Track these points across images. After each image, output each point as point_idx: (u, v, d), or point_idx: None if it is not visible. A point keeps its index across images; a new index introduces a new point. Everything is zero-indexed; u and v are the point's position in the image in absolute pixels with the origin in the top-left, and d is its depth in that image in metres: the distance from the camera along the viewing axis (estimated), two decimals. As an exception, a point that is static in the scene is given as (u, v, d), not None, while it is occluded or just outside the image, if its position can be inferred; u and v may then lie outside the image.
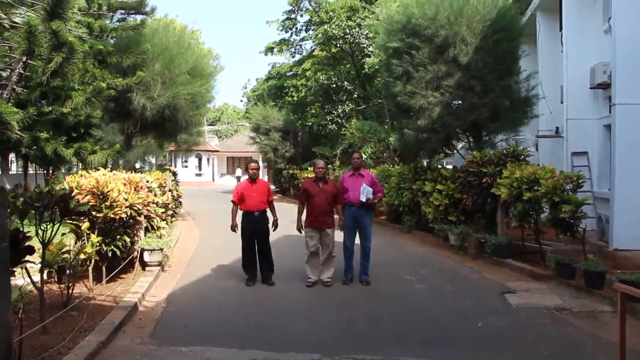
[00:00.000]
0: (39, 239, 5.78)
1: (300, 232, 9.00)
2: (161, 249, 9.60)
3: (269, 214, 9.17)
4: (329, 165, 26.86)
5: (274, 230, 9.17)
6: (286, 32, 35.34)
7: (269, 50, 36.82)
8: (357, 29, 27.41)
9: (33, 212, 5.56)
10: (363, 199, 8.85)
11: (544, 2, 16.68)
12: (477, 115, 12.59)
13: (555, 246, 10.94)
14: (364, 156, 23.65)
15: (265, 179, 27.15)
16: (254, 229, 8.93)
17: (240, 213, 9.06)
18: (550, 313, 7.19)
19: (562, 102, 15.11)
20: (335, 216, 8.99)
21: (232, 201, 9.13)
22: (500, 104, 12.48)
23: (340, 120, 28.87)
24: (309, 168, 29.95)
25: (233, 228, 9.08)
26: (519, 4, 17.65)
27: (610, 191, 11.48)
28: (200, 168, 50.95)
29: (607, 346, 5.84)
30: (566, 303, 7.62)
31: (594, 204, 12.59)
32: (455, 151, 16.95)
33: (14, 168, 28.00)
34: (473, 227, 12.16)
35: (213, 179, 52.31)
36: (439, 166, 16.74)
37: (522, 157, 11.12)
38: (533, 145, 17.13)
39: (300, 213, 9.01)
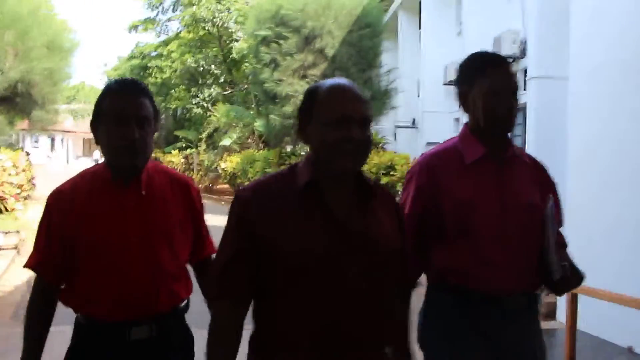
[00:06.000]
0: None
1: None
2: (18, 232, 9.12)
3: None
4: (193, 150, 26.41)
5: None
6: (152, 10, 34.18)
7: (134, 27, 35.33)
8: (226, 13, 27.24)
9: None
10: (557, 272, 1.92)
11: (406, 1, 17.75)
12: (340, 105, 13.31)
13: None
14: (229, 142, 23.28)
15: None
16: None
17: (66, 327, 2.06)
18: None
19: (418, 96, 16.29)
20: None
21: (27, 267, 1.99)
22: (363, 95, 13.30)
23: (205, 105, 28.57)
24: (173, 152, 29.17)
25: None
26: (384, 2, 18.64)
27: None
28: (53, 149, 47.76)
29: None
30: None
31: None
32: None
33: None
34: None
35: (67, 161, 49.28)
36: (303, 152, 17.31)
37: (381, 144, 11.94)
38: (392, 135, 18.28)
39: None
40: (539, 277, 2.01)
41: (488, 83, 1.97)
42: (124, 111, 1.87)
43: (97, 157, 43.34)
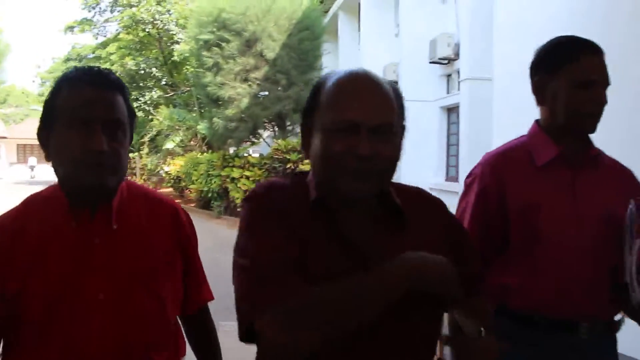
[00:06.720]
0: None
1: None
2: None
3: None
4: (135, 154, 26.05)
5: None
6: (89, 11, 33.43)
7: (69, 28, 34.46)
8: (167, 15, 27.03)
9: None
10: (638, 295, 1.57)
11: (346, 2, 17.97)
12: (281, 107, 13.75)
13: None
14: (172, 145, 23.06)
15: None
16: None
17: None
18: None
19: (358, 97, 16.63)
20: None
21: None
22: (303, 97, 13.56)
23: (147, 108, 28.25)
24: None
25: None
26: (324, 4, 18.90)
27: (396, 176, 13.09)
28: (-18, 157, 45.86)
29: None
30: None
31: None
32: (261, 140, 17.77)
33: None
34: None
35: (0, 169, 47.39)
36: (246, 154, 17.46)
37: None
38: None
39: None
40: (617, 301, 1.70)
41: (580, 72, 1.65)
42: (87, 111, 1.28)
43: (34, 163, 40.62)
